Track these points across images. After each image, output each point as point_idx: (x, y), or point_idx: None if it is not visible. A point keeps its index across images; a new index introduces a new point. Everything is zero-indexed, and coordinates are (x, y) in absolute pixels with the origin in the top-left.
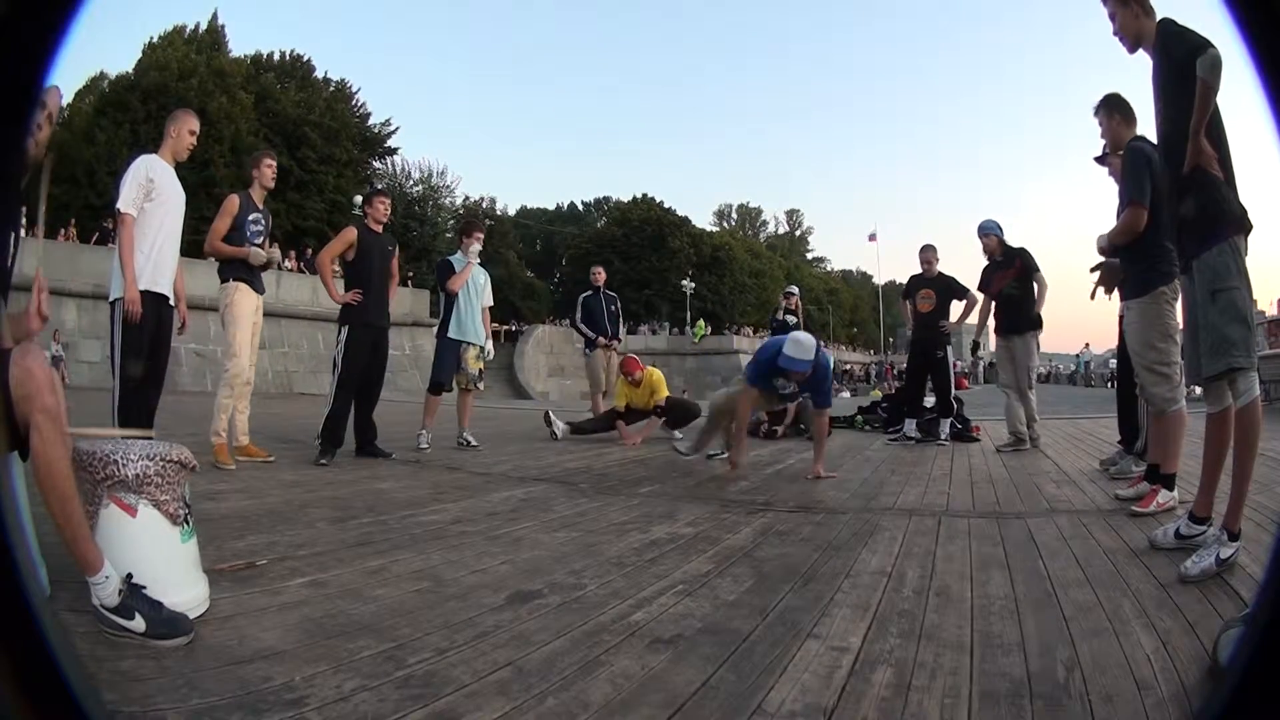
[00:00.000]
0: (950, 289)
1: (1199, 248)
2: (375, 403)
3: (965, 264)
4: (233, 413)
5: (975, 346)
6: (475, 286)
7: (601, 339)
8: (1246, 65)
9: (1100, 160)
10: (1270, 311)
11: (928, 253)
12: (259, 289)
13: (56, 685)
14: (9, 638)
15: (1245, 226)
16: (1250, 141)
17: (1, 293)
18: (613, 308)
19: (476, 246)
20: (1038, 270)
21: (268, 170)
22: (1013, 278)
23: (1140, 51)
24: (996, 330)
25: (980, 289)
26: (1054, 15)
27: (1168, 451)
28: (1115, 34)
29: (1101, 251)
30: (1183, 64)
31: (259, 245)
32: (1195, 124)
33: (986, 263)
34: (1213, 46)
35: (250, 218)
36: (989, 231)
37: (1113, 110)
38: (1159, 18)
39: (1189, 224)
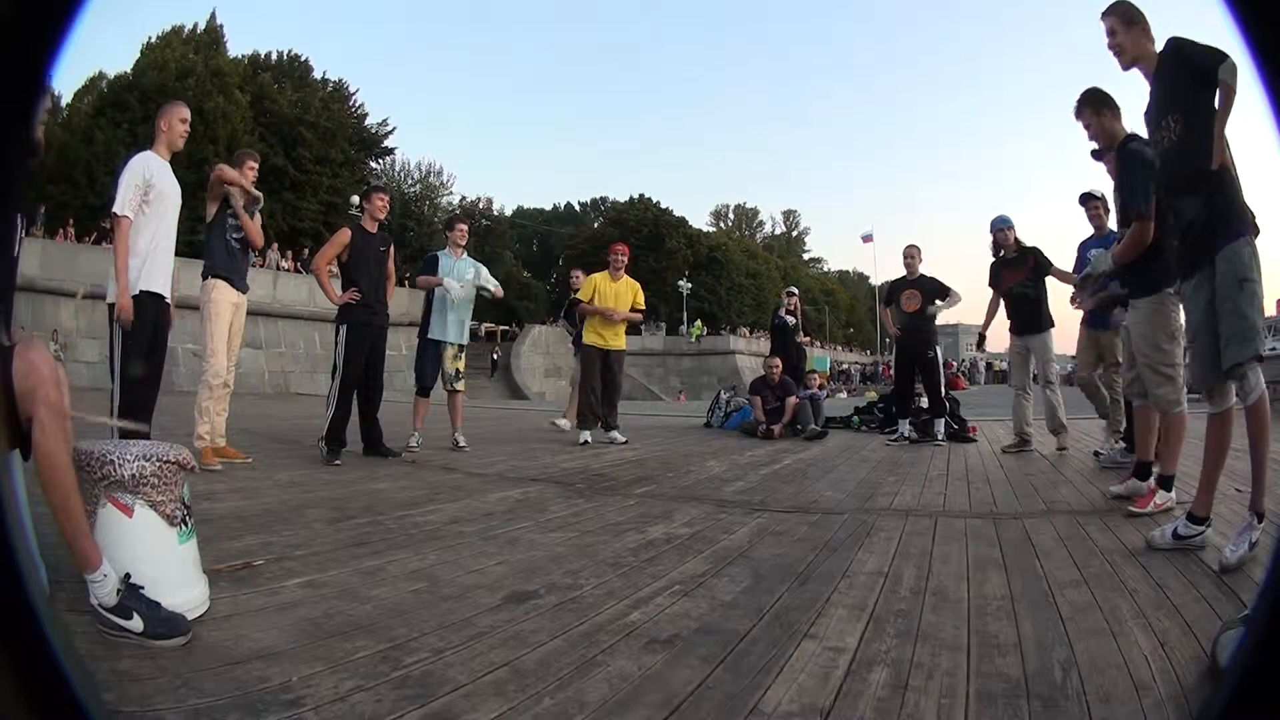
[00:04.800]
0: (934, 289)
1: (1225, 240)
2: (378, 402)
3: (962, 264)
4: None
5: (981, 339)
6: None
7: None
8: (1247, 65)
9: (1097, 156)
10: (1270, 312)
11: (910, 252)
12: (241, 288)
13: (57, 684)
14: (10, 637)
15: (1257, 229)
16: (1249, 142)
17: (6, 289)
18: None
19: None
20: (1051, 269)
21: (249, 173)
22: (1025, 276)
23: (1134, 71)
24: (1012, 330)
25: (990, 285)
26: (1052, 14)
27: (1168, 453)
28: (1111, 48)
29: (1094, 278)
30: (1206, 72)
31: (239, 238)
32: (1220, 126)
33: (994, 259)
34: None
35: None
36: (1005, 225)
37: (1100, 106)
38: (1158, 46)
39: (1212, 219)
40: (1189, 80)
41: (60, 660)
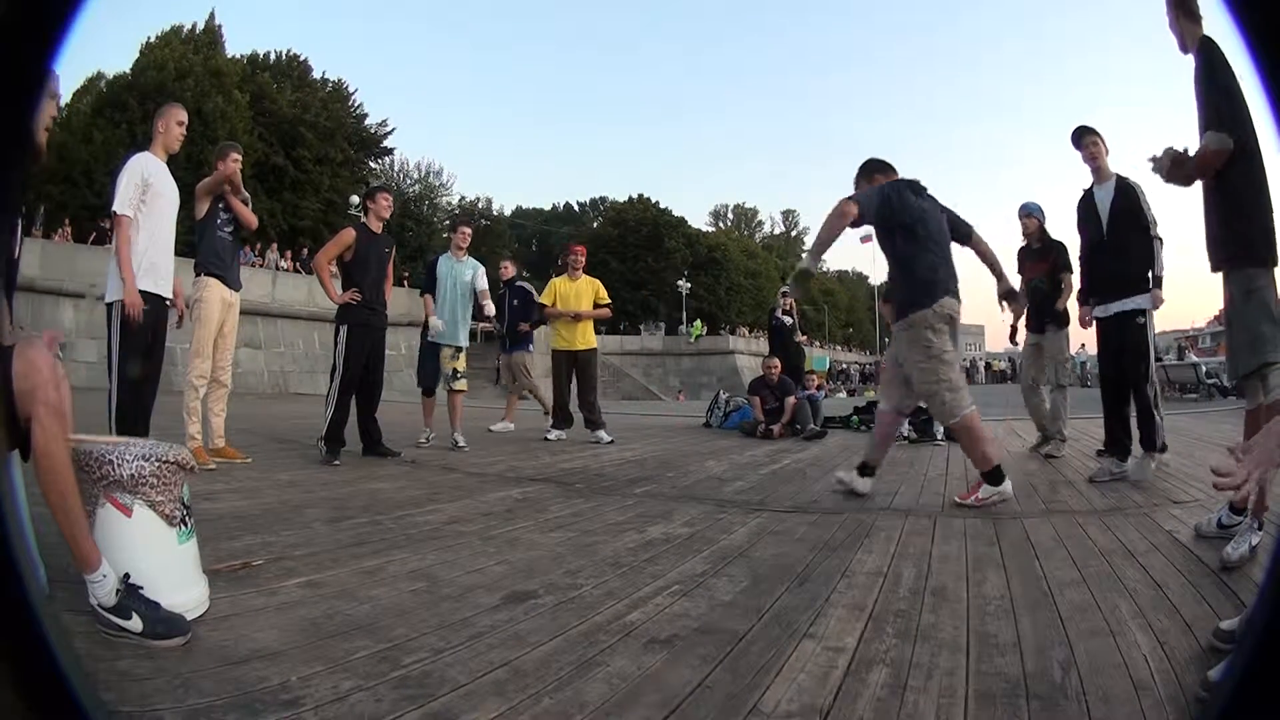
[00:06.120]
0: None
1: (1228, 264)
2: (377, 403)
3: (961, 264)
4: (207, 414)
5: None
6: (460, 284)
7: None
8: (1247, 65)
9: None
10: None
11: None
12: (234, 285)
13: (56, 685)
14: (9, 637)
15: (1274, 257)
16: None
17: (6, 289)
18: (515, 302)
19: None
20: (1069, 271)
21: (233, 165)
22: (1043, 272)
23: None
24: (1026, 325)
25: (1019, 273)
26: (1053, 12)
27: (969, 454)
28: (1170, 27)
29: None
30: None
31: (231, 231)
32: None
33: (1022, 245)
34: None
35: (220, 220)
36: (1026, 213)
37: (872, 173)
38: (1202, 33)
39: (1214, 237)
40: (1209, 89)
41: (59, 660)
